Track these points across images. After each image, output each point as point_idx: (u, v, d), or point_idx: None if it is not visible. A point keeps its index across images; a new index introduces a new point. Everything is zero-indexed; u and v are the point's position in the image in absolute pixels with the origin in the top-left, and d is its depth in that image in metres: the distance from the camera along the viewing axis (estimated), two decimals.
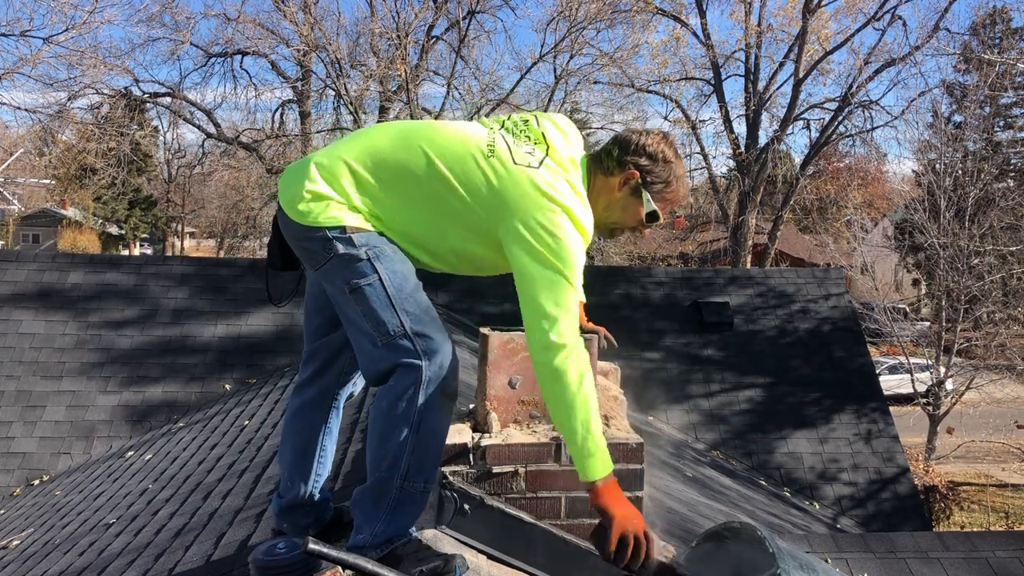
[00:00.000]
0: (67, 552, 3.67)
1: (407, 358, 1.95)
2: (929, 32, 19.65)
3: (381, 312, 1.96)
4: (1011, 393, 17.65)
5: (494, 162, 1.98)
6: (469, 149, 2.01)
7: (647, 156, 2.09)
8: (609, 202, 2.12)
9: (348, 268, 1.98)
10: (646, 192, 2.10)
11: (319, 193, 2.00)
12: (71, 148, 20.11)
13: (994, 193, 17.90)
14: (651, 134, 2.14)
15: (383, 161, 2.03)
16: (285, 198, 2.05)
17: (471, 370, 4.72)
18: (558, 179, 1.97)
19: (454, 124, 2.13)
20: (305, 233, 2.01)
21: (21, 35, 14.85)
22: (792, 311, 8.62)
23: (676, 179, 2.13)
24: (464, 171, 1.98)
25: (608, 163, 2.12)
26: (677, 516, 4.25)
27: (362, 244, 1.98)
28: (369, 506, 1.99)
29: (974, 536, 4.24)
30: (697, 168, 22.94)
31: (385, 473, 1.96)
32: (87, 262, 7.66)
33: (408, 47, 16.72)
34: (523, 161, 1.99)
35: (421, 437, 1.94)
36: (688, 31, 21.05)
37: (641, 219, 2.13)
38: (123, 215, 41.34)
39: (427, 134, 2.06)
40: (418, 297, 2.01)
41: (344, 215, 1.99)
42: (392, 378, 1.97)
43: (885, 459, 7.48)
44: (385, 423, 1.96)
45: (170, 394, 6.58)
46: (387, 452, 1.95)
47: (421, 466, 1.96)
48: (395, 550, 1.99)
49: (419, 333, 1.96)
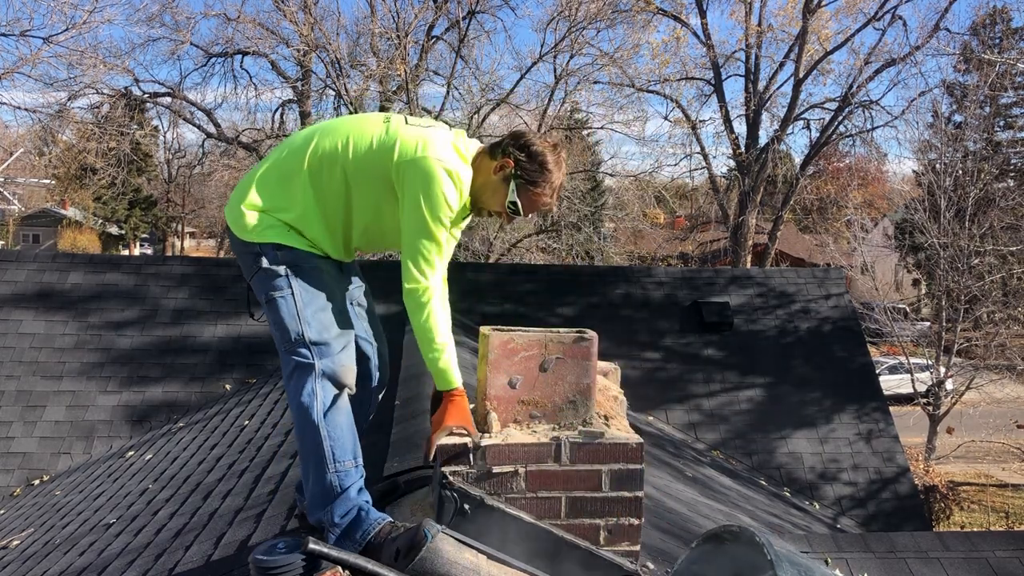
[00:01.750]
0: (67, 552, 3.67)
1: (303, 359, 2.23)
2: (929, 32, 19.66)
3: (288, 321, 2.24)
4: (1011, 393, 17.66)
5: (387, 126, 2.30)
6: (367, 120, 2.34)
7: (528, 154, 2.31)
8: (484, 182, 2.34)
9: (268, 281, 2.28)
10: (513, 183, 2.31)
11: (254, 209, 2.30)
12: (71, 148, 20.10)
13: (994, 193, 17.90)
14: (543, 140, 2.38)
15: (287, 151, 2.35)
16: (230, 216, 2.35)
17: (471, 370, 4.72)
18: (441, 139, 2.26)
19: (357, 115, 2.54)
20: (243, 248, 2.33)
21: (21, 35, 14.83)
22: (792, 311, 8.62)
23: (546, 183, 2.33)
24: (359, 134, 2.29)
25: (496, 150, 2.36)
26: (677, 516, 4.25)
27: (284, 261, 2.28)
28: (319, 504, 2.20)
29: (974, 536, 4.24)
30: (697, 168, 22.94)
31: (314, 467, 2.19)
32: (87, 262, 7.66)
33: (408, 47, 16.72)
34: (415, 123, 2.32)
35: (329, 418, 2.20)
36: (688, 31, 21.05)
37: (504, 205, 2.34)
38: (123, 215, 41.36)
39: (327, 124, 2.39)
40: (323, 314, 2.28)
41: (272, 232, 2.28)
42: (293, 380, 2.24)
43: (885, 459, 7.48)
44: (299, 421, 2.22)
45: (170, 394, 6.58)
46: (308, 446, 2.20)
47: (342, 444, 2.20)
48: (373, 538, 2.08)
49: (316, 342, 2.23)
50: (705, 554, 1.86)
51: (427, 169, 2.19)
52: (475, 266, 11.07)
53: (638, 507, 2.20)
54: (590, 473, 2.17)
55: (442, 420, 2.18)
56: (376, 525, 2.11)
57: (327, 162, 2.29)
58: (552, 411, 2.25)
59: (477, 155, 2.37)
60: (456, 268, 9.36)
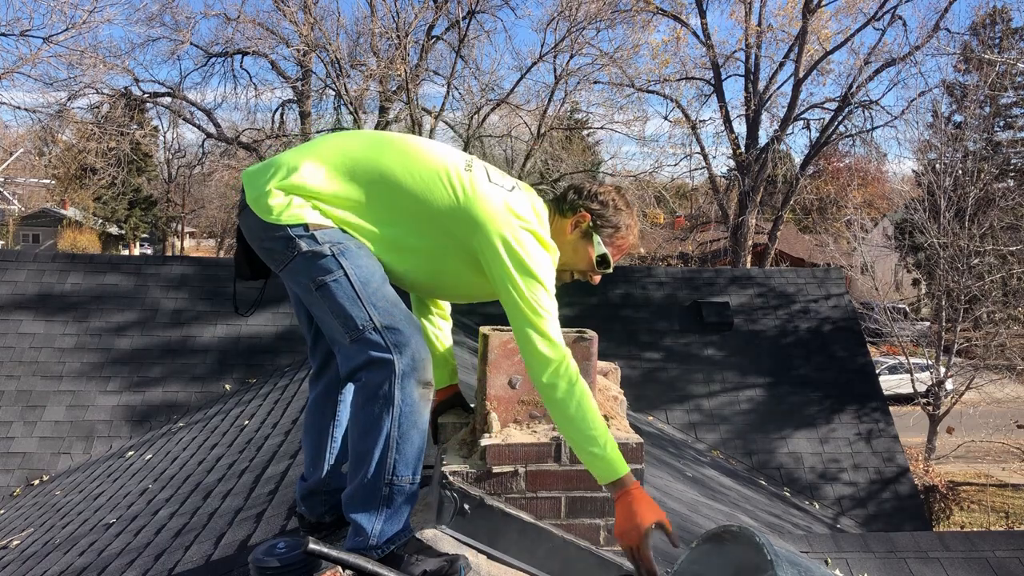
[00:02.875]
0: (67, 552, 3.67)
1: (377, 352, 1.94)
2: (929, 32, 19.64)
3: (348, 308, 1.96)
4: (1011, 393, 17.66)
5: (470, 176, 2.05)
6: (445, 162, 2.07)
7: (599, 202, 2.19)
8: (561, 243, 2.17)
9: (313, 265, 1.98)
10: (597, 235, 2.18)
11: (285, 190, 2.02)
12: (71, 148, 20.13)
13: (994, 193, 17.89)
14: (604, 185, 2.27)
15: (352, 161, 2.06)
16: (251, 196, 2.06)
17: (471, 370, 4.72)
18: (526, 204, 2.06)
19: (434, 141, 2.23)
20: (268, 232, 2.02)
21: (21, 35, 14.85)
22: (792, 311, 8.62)
23: (626, 227, 2.22)
24: (434, 181, 2.03)
25: (563, 206, 2.21)
26: (677, 516, 4.25)
27: (325, 241, 1.99)
28: (360, 507, 1.98)
29: (974, 536, 4.24)
30: (697, 168, 22.94)
31: (372, 472, 1.95)
32: (87, 262, 7.66)
33: (408, 47, 16.73)
34: (497, 182, 2.08)
35: (402, 431, 1.94)
36: (688, 31, 21.05)
37: (591, 262, 2.19)
38: (123, 215, 41.37)
39: (400, 143, 2.12)
40: (385, 291, 2.00)
41: (306, 212, 2.00)
42: (363, 374, 1.95)
43: (885, 459, 7.48)
44: (364, 420, 1.95)
45: (170, 394, 6.58)
46: (369, 449, 1.94)
47: (406, 460, 1.96)
48: (395, 550, 1.99)
49: (388, 326, 1.95)
50: (705, 554, 1.86)
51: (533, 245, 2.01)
52: None
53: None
54: (590, 473, 2.17)
55: (638, 522, 1.94)
56: (402, 538, 2.00)
57: (389, 187, 2.04)
58: None
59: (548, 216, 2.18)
60: None
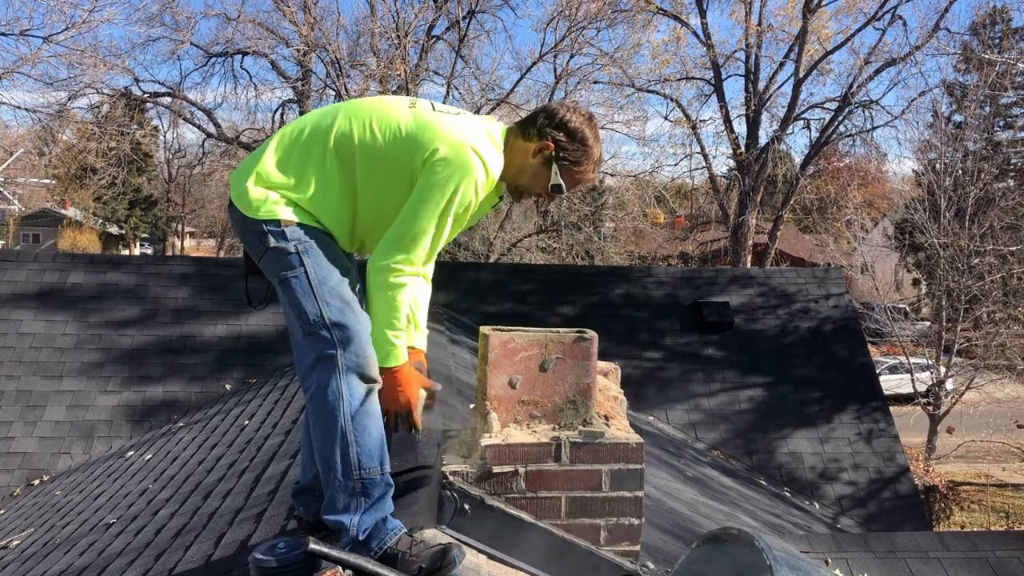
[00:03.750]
0: (67, 552, 3.67)
1: (325, 349, 2.06)
2: (929, 32, 19.64)
3: (304, 302, 2.09)
4: (1011, 393, 17.66)
5: (413, 111, 2.18)
6: (391, 104, 2.21)
7: (566, 133, 2.22)
8: (521, 165, 2.25)
9: (280, 260, 2.13)
10: (556, 165, 2.22)
11: (263, 184, 2.16)
12: (71, 148, 20.12)
13: (994, 193, 17.89)
14: (578, 112, 2.27)
15: (310, 128, 2.20)
16: (235, 193, 2.20)
17: (471, 370, 4.72)
18: (472, 124, 2.16)
19: (381, 96, 2.43)
20: (247, 226, 2.17)
21: (21, 34, 14.83)
22: (793, 311, 8.62)
23: (588, 160, 2.26)
24: (383, 118, 2.16)
25: (530, 129, 2.24)
26: (677, 516, 4.25)
27: (293, 238, 2.12)
28: (340, 509, 2.06)
29: (974, 536, 4.24)
30: (697, 168, 22.94)
31: (340, 473, 2.05)
32: (87, 262, 7.66)
33: (408, 47, 16.72)
34: (442, 110, 2.20)
35: (357, 423, 2.05)
36: (688, 31, 21.05)
37: (547, 188, 2.25)
38: (123, 215, 41.37)
39: (351, 105, 2.25)
40: (340, 290, 2.12)
41: (280, 209, 2.14)
42: (312, 379, 2.08)
43: (885, 459, 7.48)
44: (322, 424, 2.07)
45: (170, 394, 6.58)
46: (331, 451, 2.05)
47: (369, 451, 2.06)
48: (389, 549, 2.02)
49: (337, 323, 2.07)
50: (705, 554, 1.86)
51: (463, 159, 2.07)
52: (475, 266, 11.08)
53: (638, 507, 2.20)
54: (590, 473, 2.17)
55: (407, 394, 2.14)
56: (394, 535, 2.04)
57: (347, 144, 2.15)
58: (552, 411, 2.25)
59: (508, 137, 2.26)
60: (456, 268, 9.38)
